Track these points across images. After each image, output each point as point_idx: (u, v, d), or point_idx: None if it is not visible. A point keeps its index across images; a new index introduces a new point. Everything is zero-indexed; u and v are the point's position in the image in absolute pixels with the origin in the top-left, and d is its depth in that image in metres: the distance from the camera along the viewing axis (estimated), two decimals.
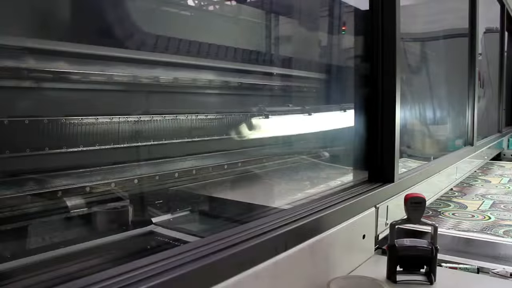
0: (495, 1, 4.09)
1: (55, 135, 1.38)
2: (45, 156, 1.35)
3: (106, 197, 1.39)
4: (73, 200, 1.30)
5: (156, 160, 1.64)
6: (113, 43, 1.51)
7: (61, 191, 1.28)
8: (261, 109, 1.83)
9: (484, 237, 1.65)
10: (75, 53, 1.41)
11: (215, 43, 1.90)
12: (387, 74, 1.53)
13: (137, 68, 1.60)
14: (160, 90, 1.72)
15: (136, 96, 1.66)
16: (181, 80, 1.77)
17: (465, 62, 3.01)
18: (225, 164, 1.79)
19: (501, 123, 4.45)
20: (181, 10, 2.01)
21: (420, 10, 2.90)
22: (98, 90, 1.53)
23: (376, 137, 1.53)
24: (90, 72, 1.45)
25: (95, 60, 1.48)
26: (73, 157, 1.42)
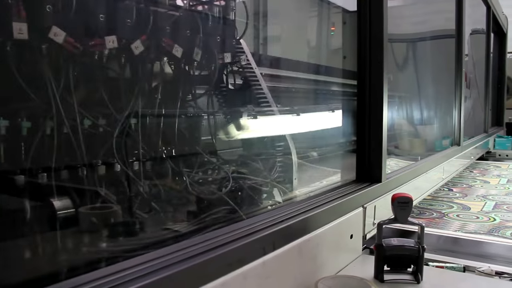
0: (481, 3, 4.14)
1: None
2: None
3: None
4: None
5: None
6: None
7: None
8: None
9: (470, 236, 1.67)
10: None
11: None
12: (374, 74, 1.54)
13: None
14: None
15: None
16: None
17: (452, 63, 3.04)
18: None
19: (487, 123, 4.49)
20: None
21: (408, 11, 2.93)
22: None
23: (363, 137, 1.54)
24: None
25: None
26: None
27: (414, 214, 1.98)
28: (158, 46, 1.13)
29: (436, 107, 3.19)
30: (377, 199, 1.50)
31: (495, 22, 4.70)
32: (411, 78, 2.93)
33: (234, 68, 1.44)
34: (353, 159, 1.58)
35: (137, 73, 1.12)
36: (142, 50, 1.05)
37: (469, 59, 3.80)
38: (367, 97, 1.54)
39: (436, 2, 3.35)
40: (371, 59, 1.54)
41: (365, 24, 1.54)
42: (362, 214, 1.40)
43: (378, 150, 1.53)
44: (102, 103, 1.05)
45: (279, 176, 1.42)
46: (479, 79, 4.37)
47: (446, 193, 2.49)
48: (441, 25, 3.23)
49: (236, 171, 1.35)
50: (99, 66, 1.04)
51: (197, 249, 0.83)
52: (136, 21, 1.04)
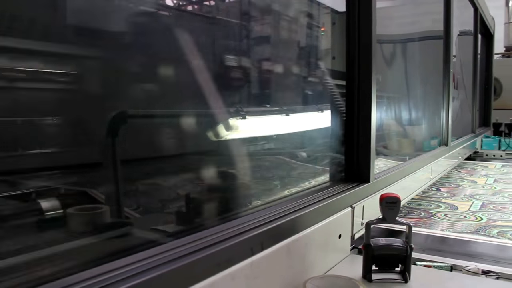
0: (469, 4, 4.17)
1: None
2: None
3: None
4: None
5: None
6: None
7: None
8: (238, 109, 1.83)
9: (457, 236, 1.69)
10: None
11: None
12: (363, 75, 1.55)
13: None
14: None
15: None
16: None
17: (440, 64, 3.07)
18: None
19: (475, 124, 4.53)
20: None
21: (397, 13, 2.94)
22: None
23: (352, 137, 1.55)
24: None
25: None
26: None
27: (402, 214, 1.99)
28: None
29: (424, 107, 3.21)
30: (365, 199, 1.50)
31: (482, 24, 4.74)
32: (400, 78, 2.94)
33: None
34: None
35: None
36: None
37: (456, 60, 3.83)
38: (356, 97, 1.55)
39: (424, 3, 3.37)
40: (360, 59, 1.55)
41: (354, 25, 1.55)
42: (350, 214, 1.40)
43: (367, 150, 1.54)
44: None
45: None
46: (466, 80, 4.41)
47: (434, 192, 2.51)
48: (429, 27, 3.26)
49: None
50: None
51: (186, 249, 0.83)
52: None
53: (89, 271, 0.71)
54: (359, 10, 1.55)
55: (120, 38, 1.26)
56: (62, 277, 0.69)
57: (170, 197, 1.49)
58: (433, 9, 3.20)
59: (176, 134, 1.45)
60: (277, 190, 1.69)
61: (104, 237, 1.16)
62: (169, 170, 1.47)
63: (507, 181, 2.89)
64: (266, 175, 1.82)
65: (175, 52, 1.41)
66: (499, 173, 3.22)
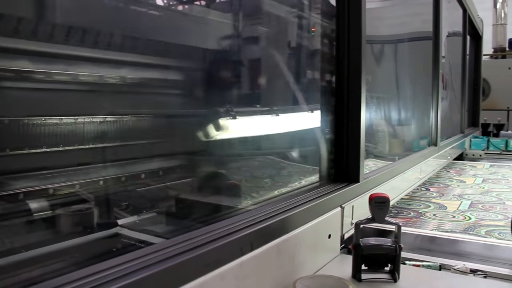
0: (458, 6, 4.20)
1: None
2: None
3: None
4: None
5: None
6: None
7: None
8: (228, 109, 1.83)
9: (446, 235, 1.70)
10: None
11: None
12: (353, 75, 1.55)
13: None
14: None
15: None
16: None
17: (429, 65, 3.08)
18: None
19: (464, 124, 4.56)
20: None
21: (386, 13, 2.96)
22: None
23: (341, 137, 1.56)
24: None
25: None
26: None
27: (392, 214, 2.00)
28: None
29: (413, 108, 3.23)
30: (355, 199, 1.51)
31: (471, 25, 4.78)
32: (390, 79, 2.96)
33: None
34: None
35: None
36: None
37: (445, 61, 3.86)
38: (345, 97, 1.55)
39: (413, 4, 3.39)
40: (350, 60, 1.55)
41: (344, 25, 1.56)
42: (340, 214, 1.41)
43: (356, 150, 1.55)
44: None
45: None
46: (455, 80, 4.44)
47: (423, 192, 2.52)
48: (418, 27, 3.28)
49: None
50: None
51: (175, 250, 0.83)
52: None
53: (77, 272, 0.70)
54: (348, 10, 1.55)
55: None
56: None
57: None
58: (422, 10, 3.22)
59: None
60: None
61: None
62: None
63: (495, 180, 2.92)
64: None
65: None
66: (487, 173, 3.25)
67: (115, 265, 0.74)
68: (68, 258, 1.20)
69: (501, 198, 2.36)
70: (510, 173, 3.21)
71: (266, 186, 1.79)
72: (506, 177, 3.06)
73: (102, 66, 1.55)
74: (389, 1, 3.06)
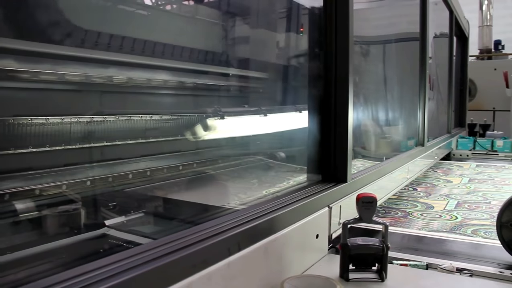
0: (444, 8, 4.24)
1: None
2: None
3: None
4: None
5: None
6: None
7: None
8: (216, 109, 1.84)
9: (433, 235, 1.71)
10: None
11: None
12: (340, 75, 1.56)
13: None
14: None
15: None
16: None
17: (416, 65, 3.10)
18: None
19: (450, 124, 4.60)
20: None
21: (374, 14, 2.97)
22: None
23: (329, 138, 1.56)
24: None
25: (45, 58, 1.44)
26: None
27: (379, 214, 2.01)
28: None
29: (401, 108, 3.25)
30: (342, 199, 1.51)
31: (457, 26, 4.82)
32: (377, 79, 2.97)
33: None
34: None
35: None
36: None
37: (432, 62, 3.89)
38: (333, 98, 1.56)
39: (400, 6, 3.41)
40: (337, 60, 1.56)
41: (331, 25, 1.56)
42: (327, 214, 1.41)
43: (344, 151, 1.55)
44: None
45: None
46: (442, 81, 4.47)
47: (411, 192, 2.54)
48: (405, 28, 3.30)
49: None
50: None
51: (162, 250, 0.82)
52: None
53: (64, 273, 0.70)
54: (336, 11, 1.55)
55: None
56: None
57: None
58: (410, 12, 3.24)
59: None
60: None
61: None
62: None
63: (481, 180, 2.95)
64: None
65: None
66: (473, 173, 3.28)
67: (102, 266, 0.73)
68: (55, 259, 1.19)
69: (487, 198, 2.39)
70: (496, 173, 3.25)
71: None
72: (492, 177, 3.10)
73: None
74: (376, 2, 3.07)
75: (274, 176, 2.01)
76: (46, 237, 1.29)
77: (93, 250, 1.33)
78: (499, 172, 3.30)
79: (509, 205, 1.38)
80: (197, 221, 1.14)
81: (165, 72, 1.85)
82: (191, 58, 1.97)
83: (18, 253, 1.15)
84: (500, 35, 8.01)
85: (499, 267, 1.33)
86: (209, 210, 1.49)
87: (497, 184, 2.81)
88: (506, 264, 1.36)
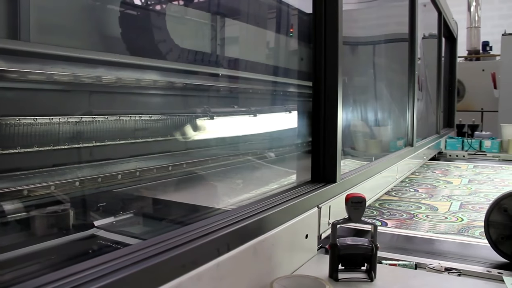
0: (433, 9, 4.27)
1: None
2: None
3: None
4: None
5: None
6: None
7: None
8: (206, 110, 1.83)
9: (421, 234, 1.72)
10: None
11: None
12: (329, 76, 1.56)
13: None
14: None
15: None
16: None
17: (405, 66, 3.12)
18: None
19: (439, 125, 4.63)
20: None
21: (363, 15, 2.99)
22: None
23: (318, 138, 1.56)
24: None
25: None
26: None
27: (384, 215, 2.02)
28: None
29: (390, 109, 3.27)
30: (332, 199, 1.52)
31: (446, 27, 4.85)
32: (367, 80, 2.99)
33: None
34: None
35: None
36: None
37: (421, 63, 3.91)
38: (322, 98, 1.56)
39: (389, 7, 3.43)
40: (326, 61, 1.56)
41: (320, 26, 1.56)
42: (317, 214, 1.41)
43: (333, 151, 1.55)
44: None
45: None
46: (430, 82, 4.50)
47: (412, 193, 2.54)
48: (394, 29, 3.32)
49: None
50: None
51: (151, 251, 0.82)
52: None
53: (53, 273, 0.69)
54: (325, 12, 1.56)
55: None
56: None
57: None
58: (399, 13, 3.26)
59: None
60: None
61: None
62: None
63: (481, 181, 2.97)
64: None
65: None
66: (472, 174, 3.30)
67: (91, 266, 0.73)
68: (44, 260, 1.19)
69: (489, 199, 2.38)
70: (494, 174, 3.29)
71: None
72: (491, 177, 3.13)
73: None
74: (365, 3, 3.09)
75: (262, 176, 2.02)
76: (35, 238, 1.28)
77: (82, 251, 1.32)
78: (497, 173, 3.33)
79: (496, 205, 1.40)
80: (187, 221, 1.14)
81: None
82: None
83: (5, 255, 1.14)
84: (488, 37, 8.08)
85: (487, 266, 1.34)
86: (199, 211, 1.49)
87: (497, 185, 2.83)
88: (493, 263, 1.37)
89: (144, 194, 1.66)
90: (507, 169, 3.55)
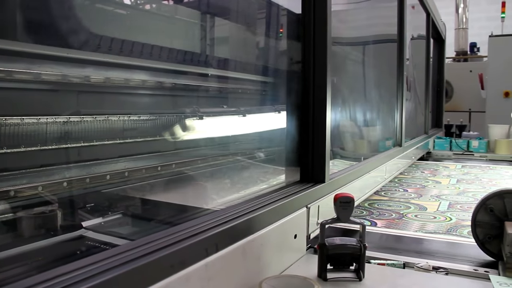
0: (421, 10, 4.29)
1: None
2: None
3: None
4: None
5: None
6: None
7: None
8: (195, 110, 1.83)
9: (410, 234, 1.73)
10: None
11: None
12: (318, 76, 1.57)
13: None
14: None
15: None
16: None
17: (394, 67, 3.14)
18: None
19: (428, 125, 4.66)
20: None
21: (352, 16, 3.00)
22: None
23: (307, 138, 1.57)
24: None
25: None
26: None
27: (374, 215, 2.03)
28: None
29: (379, 109, 3.28)
30: (320, 199, 1.52)
31: (434, 29, 4.88)
32: (356, 80, 3.00)
33: None
34: None
35: None
36: None
37: (409, 64, 3.94)
38: (311, 98, 1.56)
39: (378, 8, 3.45)
40: (315, 61, 1.57)
41: (309, 27, 1.57)
42: (306, 214, 1.42)
43: (322, 151, 1.56)
44: None
45: None
46: (419, 83, 4.53)
47: (402, 193, 2.56)
48: (383, 30, 3.33)
49: None
50: None
51: (139, 251, 0.82)
52: None
53: (41, 274, 0.69)
54: (314, 12, 1.56)
55: None
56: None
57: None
58: (388, 14, 3.28)
59: None
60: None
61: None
62: None
63: (469, 181, 3.00)
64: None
65: None
66: (460, 174, 3.33)
67: (79, 267, 0.73)
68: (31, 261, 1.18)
69: (477, 199, 2.39)
70: (482, 174, 3.32)
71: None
72: (479, 177, 3.15)
73: None
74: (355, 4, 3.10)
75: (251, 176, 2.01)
76: (22, 239, 1.27)
77: (70, 252, 1.31)
78: (485, 173, 3.36)
79: (482, 205, 1.41)
80: (176, 221, 1.14)
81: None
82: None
83: None
84: (475, 38, 8.16)
85: (474, 265, 1.35)
86: (188, 211, 1.48)
87: (485, 185, 2.85)
88: (481, 262, 1.38)
89: (132, 195, 1.65)
90: (494, 168, 3.59)
